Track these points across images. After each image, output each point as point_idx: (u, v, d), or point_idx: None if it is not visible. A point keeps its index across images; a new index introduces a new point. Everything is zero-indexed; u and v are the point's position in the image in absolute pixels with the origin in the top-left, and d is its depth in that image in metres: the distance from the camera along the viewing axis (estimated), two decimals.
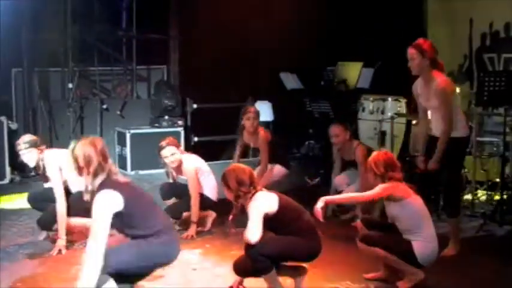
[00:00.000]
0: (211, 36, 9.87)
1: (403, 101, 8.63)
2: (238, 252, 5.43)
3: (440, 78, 5.33)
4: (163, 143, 6.27)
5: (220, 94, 10.03)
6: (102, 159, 4.02)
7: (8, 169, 8.64)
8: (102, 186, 3.96)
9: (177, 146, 6.38)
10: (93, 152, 4.01)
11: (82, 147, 4.03)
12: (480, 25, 8.81)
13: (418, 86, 5.56)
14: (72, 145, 4.12)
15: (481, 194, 7.22)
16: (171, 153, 6.24)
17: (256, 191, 4.46)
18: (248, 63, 10.16)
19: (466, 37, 8.89)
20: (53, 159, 5.71)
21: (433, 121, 5.56)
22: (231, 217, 4.67)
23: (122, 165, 9.32)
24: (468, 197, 7.04)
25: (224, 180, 4.51)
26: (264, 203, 4.42)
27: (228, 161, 7.43)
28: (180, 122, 9.75)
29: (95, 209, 3.89)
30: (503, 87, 6.53)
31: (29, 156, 5.76)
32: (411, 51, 5.34)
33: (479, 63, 8.83)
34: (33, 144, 5.76)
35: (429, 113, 5.63)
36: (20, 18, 9.00)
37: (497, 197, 6.87)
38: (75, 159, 4.04)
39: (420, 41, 5.41)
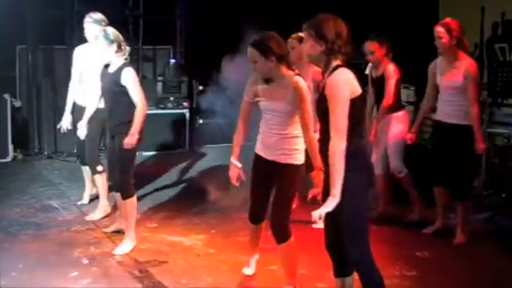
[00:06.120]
0: (218, 17, 9.75)
1: (412, 89, 8.53)
2: (244, 238, 5.39)
3: (469, 60, 5.36)
4: None
5: None
6: None
7: (10, 147, 8.59)
8: None
9: None
10: None
11: None
12: (492, 14, 8.71)
13: (437, 65, 5.50)
14: None
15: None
16: None
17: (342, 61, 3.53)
18: None
19: (478, 26, 8.79)
20: None
21: (442, 103, 5.50)
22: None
23: None
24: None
25: (315, 27, 3.55)
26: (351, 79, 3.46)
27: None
28: (185, 104, 9.66)
29: None
30: None
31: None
32: (439, 30, 5.31)
33: (490, 52, 8.74)
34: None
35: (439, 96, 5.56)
36: None
37: None
38: None
39: (448, 19, 5.39)
